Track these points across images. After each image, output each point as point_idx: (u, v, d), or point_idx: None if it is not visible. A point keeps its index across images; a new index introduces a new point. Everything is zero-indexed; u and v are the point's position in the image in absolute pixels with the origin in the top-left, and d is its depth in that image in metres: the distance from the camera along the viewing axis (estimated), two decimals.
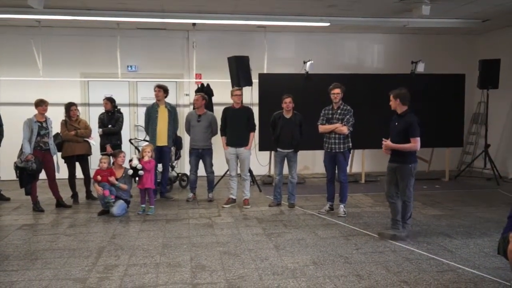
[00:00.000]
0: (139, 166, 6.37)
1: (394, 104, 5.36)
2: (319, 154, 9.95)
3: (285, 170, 6.87)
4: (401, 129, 5.23)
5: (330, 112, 6.33)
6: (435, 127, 8.96)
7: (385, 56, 10.16)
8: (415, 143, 5.18)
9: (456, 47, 10.26)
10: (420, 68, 8.87)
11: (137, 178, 6.46)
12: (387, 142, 5.28)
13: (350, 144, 6.34)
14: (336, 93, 6.21)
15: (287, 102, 6.57)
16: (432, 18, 8.37)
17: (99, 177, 6.31)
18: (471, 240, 5.18)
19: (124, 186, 6.46)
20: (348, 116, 6.19)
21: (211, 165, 7.29)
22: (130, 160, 6.53)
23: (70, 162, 7.09)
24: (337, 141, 6.24)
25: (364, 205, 6.93)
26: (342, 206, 6.39)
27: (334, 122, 6.24)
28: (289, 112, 6.65)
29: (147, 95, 8.95)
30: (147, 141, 7.49)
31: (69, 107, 7.07)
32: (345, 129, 6.15)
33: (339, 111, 6.26)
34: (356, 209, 6.67)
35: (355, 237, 5.31)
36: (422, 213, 6.45)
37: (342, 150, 6.25)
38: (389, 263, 4.47)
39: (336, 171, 6.44)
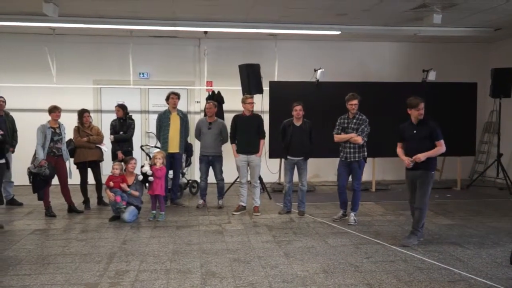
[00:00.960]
0: (149, 172, 6.42)
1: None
2: (329, 162, 9.96)
3: (295, 178, 6.87)
4: (424, 135, 5.27)
5: (346, 121, 6.37)
6: (447, 135, 8.83)
7: (396, 64, 10.14)
8: (443, 145, 5.28)
9: (467, 56, 10.22)
10: (432, 76, 8.85)
11: (147, 184, 6.51)
12: (418, 156, 5.23)
13: (366, 154, 6.36)
14: (354, 104, 6.25)
15: (298, 110, 6.59)
16: (444, 26, 8.35)
17: (111, 183, 6.37)
18: (483, 250, 5.13)
19: (136, 193, 6.51)
20: (363, 126, 6.22)
21: (221, 172, 7.32)
22: (142, 166, 6.59)
23: (82, 168, 7.16)
24: (352, 150, 6.28)
25: (375, 214, 6.90)
26: (353, 214, 6.38)
27: (350, 131, 6.28)
28: (299, 119, 6.67)
29: (159, 102, 9.04)
30: (158, 147, 7.54)
31: (82, 114, 7.16)
32: (359, 140, 6.20)
33: (354, 120, 6.30)
34: (366, 218, 6.64)
35: (366, 246, 5.29)
36: (433, 222, 6.40)
37: (357, 159, 6.28)
38: (400, 272, 4.44)
39: (350, 179, 6.47)
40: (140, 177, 6.46)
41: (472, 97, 9.03)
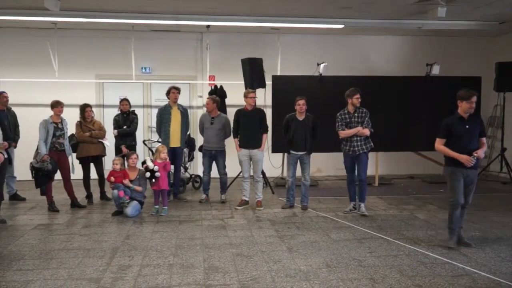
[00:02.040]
0: (156, 168, 6.41)
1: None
2: (332, 156, 9.95)
3: (298, 172, 6.86)
4: (476, 130, 5.00)
5: (347, 116, 6.42)
6: None
7: (400, 58, 10.08)
8: (485, 143, 5.12)
9: (472, 49, 10.15)
10: (435, 70, 8.79)
11: (153, 180, 6.47)
12: (479, 153, 4.91)
13: (372, 144, 6.47)
14: (359, 97, 6.35)
15: (301, 104, 6.58)
16: (448, 20, 8.29)
17: (112, 179, 6.37)
18: (487, 245, 5.11)
19: (139, 188, 6.51)
20: (367, 118, 6.34)
21: (224, 166, 7.31)
22: (143, 163, 6.57)
23: (85, 163, 7.16)
24: (359, 143, 6.37)
25: (378, 208, 6.89)
26: (363, 205, 6.53)
27: (354, 125, 6.36)
28: (302, 114, 6.66)
29: (161, 97, 9.02)
30: (160, 142, 7.53)
31: (84, 109, 7.16)
32: (367, 132, 6.34)
33: (356, 114, 6.38)
34: (369, 212, 6.62)
35: (369, 240, 5.28)
36: (437, 217, 6.39)
37: (365, 151, 6.39)
38: (403, 266, 4.43)
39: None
40: (148, 174, 6.43)
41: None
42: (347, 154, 6.50)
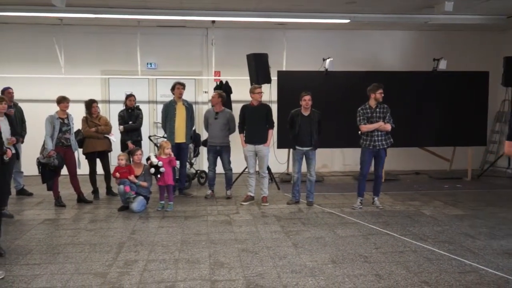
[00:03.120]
0: (160, 163, 6.42)
1: None
2: (338, 152, 9.95)
3: (304, 168, 6.84)
4: None
5: (369, 111, 6.47)
6: (458, 125, 8.82)
7: (406, 53, 10.00)
8: None
9: (479, 44, 10.05)
10: (442, 65, 8.71)
11: (158, 176, 6.49)
12: None
13: (392, 140, 6.55)
14: (381, 92, 6.45)
15: (306, 100, 6.55)
16: (455, 14, 8.21)
17: (117, 174, 6.40)
18: (494, 241, 5.08)
19: (145, 184, 6.53)
20: (388, 114, 6.45)
21: (229, 162, 7.31)
22: (148, 159, 6.58)
23: (91, 158, 7.18)
24: (380, 138, 6.45)
25: (384, 204, 6.85)
26: (376, 198, 6.72)
27: (375, 120, 6.43)
28: (307, 109, 6.64)
29: (166, 92, 8.99)
30: (166, 138, 7.53)
31: (90, 104, 7.17)
32: (388, 127, 6.44)
33: (377, 109, 6.47)
34: (375, 208, 6.61)
35: (375, 236, 5.27)
36: (443, 213, 6.35)
37: (385, 146, 6.49)
38: (410, 263, 4.41)
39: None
40: (152, 170, 6.44)
41: (484, 86, 8.89)
42: (367, 149, 6.52)
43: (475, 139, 9.02)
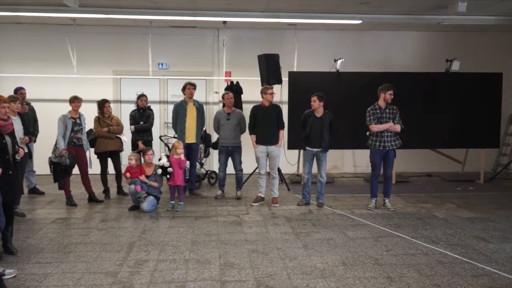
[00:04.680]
0: (167, 163, 6.43)
1: None
2: (349, 153, 9.91)
3: (314, 169, 6.82)
4: None
5: (379, 111, 6.48)
6: (470, 127, 8.73)
7: (419, 54, 9.93)
8: None
9: (493, 45, 9.93)
10: (455, 66, 8.64)
11: (167, 176, 6.53)
12: None
13: (401, 141, 6.56)
14: (391, 93, 6.48)
15: (311, 100, 6.64)
16: (469, 15, 8.12)
17: (128, 174, 6.43)
18: (507, 244, 5.02)
19: (155, 184, 6.55)
20: (398, 115, 6.46)
21: (240, 162, 7.31)
22: (159, 159, 6.60)
23: (102, 158, 7.23)
24: (389, 138, 6.47)
25: (395, 206, 6.80)
26: (387, 200, 6.69)
27: (385, 121, 6.45)
28: (319, 111, 6.62)
29: (177, 93, 9.03)
30: (176, 138, 7.56)
31: (103, 104, 7.21)
32: (398, 128, 6.45)
33: (387, 110, 6.49)
34: (386, 210, 6.56)
35: (386, 238, 5.23)
36: (456, 216, 6.29)
37: (394, 147, 6.51)
38: (421, 266, 4.38)
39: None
40: (160, 171, 6.48)
41: (497, 88, 8.79)
42: (376, 150, 6.52)
43: (488, 141, 8.92)
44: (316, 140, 6.65)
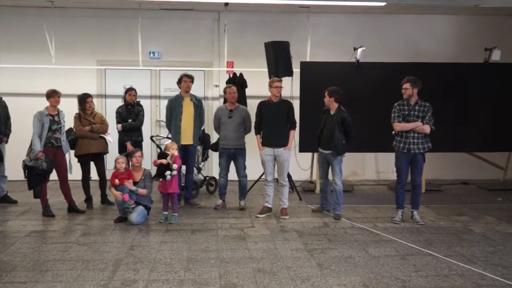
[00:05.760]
0: (175, 166, 6.41)
1: None
2: (370, 158, 9.88)
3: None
4: None
5: (406, 108, 6.46)
6: None
7: (452, 41, 9.90)
8: None
9: None
10: (496, 56, 8.60)
11: (166, 178, 6.42)
12: None
13: (430, 144, 6.51)
14: (404, 88, 6.42)
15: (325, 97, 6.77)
16: None
17: (116, 181, 6.41)
18: None
19: (144, 191, 6.54)
20: (429, 114, 6.40)
21: (244, 167, 7.31)
22: (161, 155, 6.55)
23: (84, 161, 7.24)
24: (416, 140, 6.42)
25: (425, 219, 6.78)
26: (416, 212, 6.66)
27: (412, 119, 6.41)
28: (332, 107, 6.71)
29: (171, 86, 9.06)
30: (170, 138, 7.57)
31: (85, 99, 7.21)
32: (427, 128, 6.39)
33: (416, 107, 6.44)
34: (415, 223, 6.54)
35: (414, 257, 5.21)
36: (496, 230, 6.27)
37: (422, 151, 6.45)
38: None
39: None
40: (168, 174, 6.39)
41: None
42: (401, 153, 6.52)
43: None
44: (326, 141, 6.74)
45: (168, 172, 6.40)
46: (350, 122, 6.66)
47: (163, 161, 6.45)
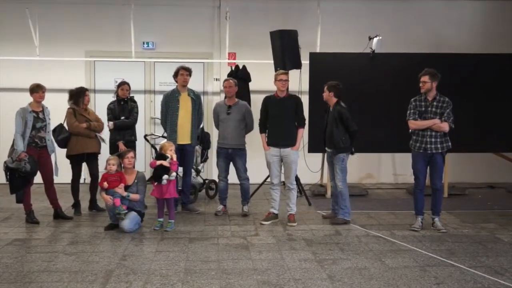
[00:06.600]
0: (174, 174, 6.46)
1: None
2: (386, 158, 9.88)
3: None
4: None
5: (423, 104, 6.47)
6: None
7: (479, 30, 9.88)
8: None
9: None
10: None
11: (163, 182, 6.44)
12: None
13: (450, 144, 6.49)
14: (423, 81, 6.40)
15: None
16: None
17: (105, 184, 6.41)
18: None
19: (136, 196, 6.54)
20: (448, 110, 6.37)
21: (245, 170, 7.32)
22: (160, 156, 6.58)
23: (77, 162, 7.24)
24: (433, 139, 6.40)
25: (448, 226, 6.78)
26: (437, 219, 6.65)
27: (429, 116, 6.40)
28: (331, 102, 6.86)
29: (167, 80, 9.09)
30: (166, 137, 7.58)
31: (83, 93, 7.16)
32: (446, 126, 6.36)
33: (434, 103, 6.43)
34: (436, 231, 6.54)
35: (435, 268, 5.21)
36: None
37: (440, 151, 6.44)
38: None
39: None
40: (165, 177, 6.43)
41: None
42: (417, 153, 6.53)
43: None
44: (326, 139, 6.91)
45: (165, 176, 6.42)
46: (348, 116, 6.70)
47: (164, 162, 6.47)
